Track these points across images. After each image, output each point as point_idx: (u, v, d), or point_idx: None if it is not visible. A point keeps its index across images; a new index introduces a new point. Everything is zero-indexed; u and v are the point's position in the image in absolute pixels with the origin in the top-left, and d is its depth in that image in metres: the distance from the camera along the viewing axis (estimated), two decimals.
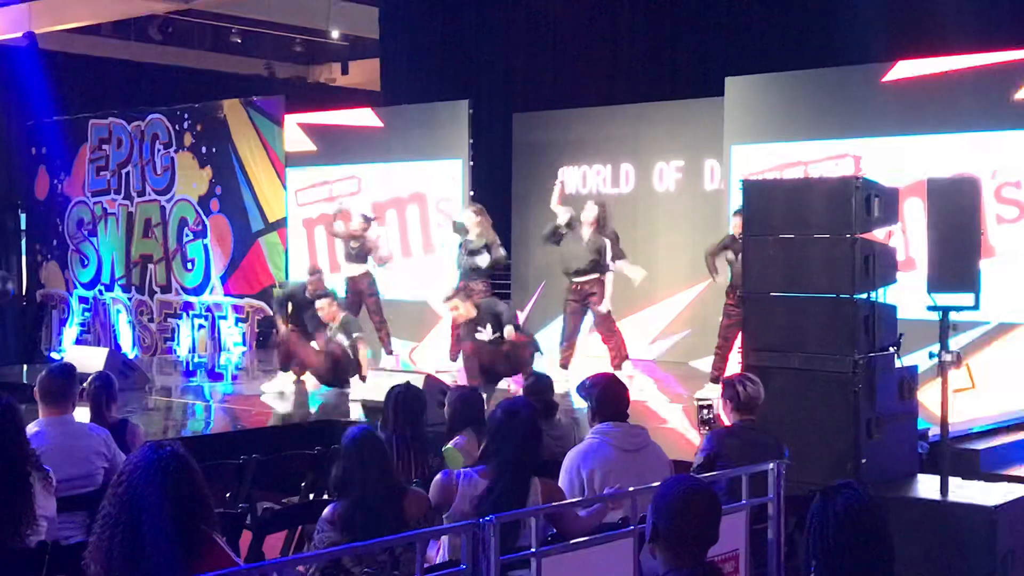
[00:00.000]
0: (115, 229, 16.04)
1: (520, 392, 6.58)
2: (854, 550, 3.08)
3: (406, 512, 4.33)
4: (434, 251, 13.36)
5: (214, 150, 14.74)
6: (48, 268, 17.08)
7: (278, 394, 10.22)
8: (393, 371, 10.21)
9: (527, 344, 9.84)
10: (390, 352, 11.79)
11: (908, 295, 6.85)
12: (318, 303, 10.31)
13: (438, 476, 4.66)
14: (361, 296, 11.67)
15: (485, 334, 9.67)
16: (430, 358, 12.23)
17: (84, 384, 5.97)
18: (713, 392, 8.60)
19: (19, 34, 15.86)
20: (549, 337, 12.43)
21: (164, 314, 15.44)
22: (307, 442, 7.52)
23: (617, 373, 9.58)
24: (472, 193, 12.85)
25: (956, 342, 6.30)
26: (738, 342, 9.63)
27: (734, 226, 9.56)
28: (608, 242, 10.37)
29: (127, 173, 15.83)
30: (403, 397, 5.89)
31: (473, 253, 10.83)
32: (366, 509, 4.20)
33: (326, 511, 4.31)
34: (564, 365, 10.51)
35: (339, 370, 10.12)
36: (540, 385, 6.46)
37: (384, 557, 4.13)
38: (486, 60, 15.01)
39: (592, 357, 10.78)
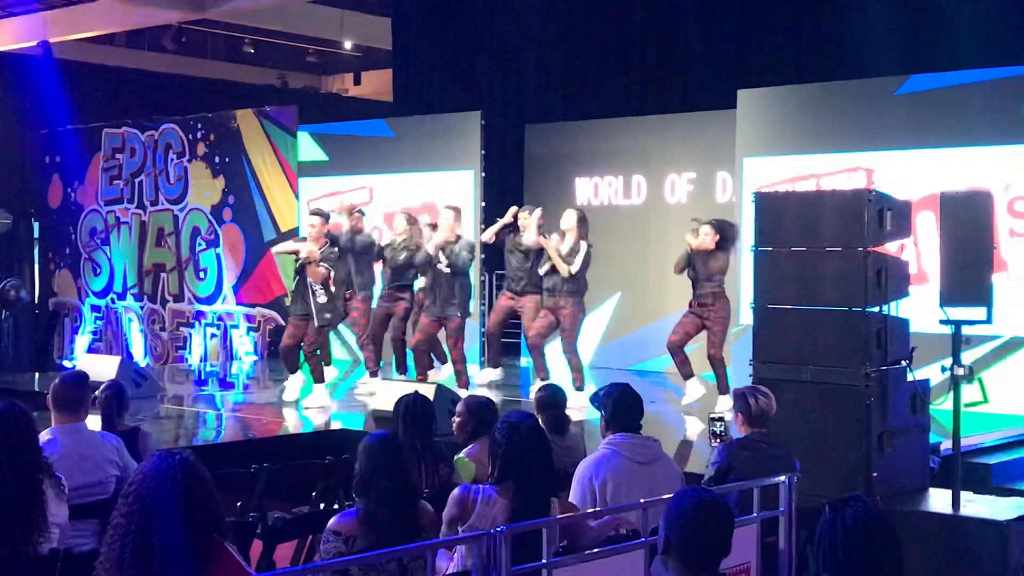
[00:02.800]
0: (128, 238, 16.08)
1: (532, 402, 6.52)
2: (863, 563, 3.07)
3: (420, 519, 4.31)
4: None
5: (227, 160, 14.78)
6: (61, 276, 17.12)
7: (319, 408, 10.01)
8: (404, 381, 10.24)
9: None
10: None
11: (921, 309, 6.85)
12: (309, 219, 10.19)
13: (455, 491, 4.61)
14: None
15: None
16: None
17: (96, 393, 5.99)
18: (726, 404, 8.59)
19: (34, 43, 15.95)
20: (554, 350, 12.39)
21: (176, 323, 15.47)
22: (318, 451, 7.52)
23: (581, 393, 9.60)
24: (484, 204, 12.87)
25: (969, 356, 6.27)
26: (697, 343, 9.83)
27: (695, 234, 9.64)
28: (585, 247, 10.10)
29: (140, 182, 15.88)
30: (412, 407, 5.88)
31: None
32: (390, 506, 4.17)
33: (332, 521, 4.28)
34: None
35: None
36: (552, 399, 6.39)
37: (393, 567, 4.11)
38: (498, 71, 15.03)
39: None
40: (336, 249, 10.26)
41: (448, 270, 10.25)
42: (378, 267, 11.29)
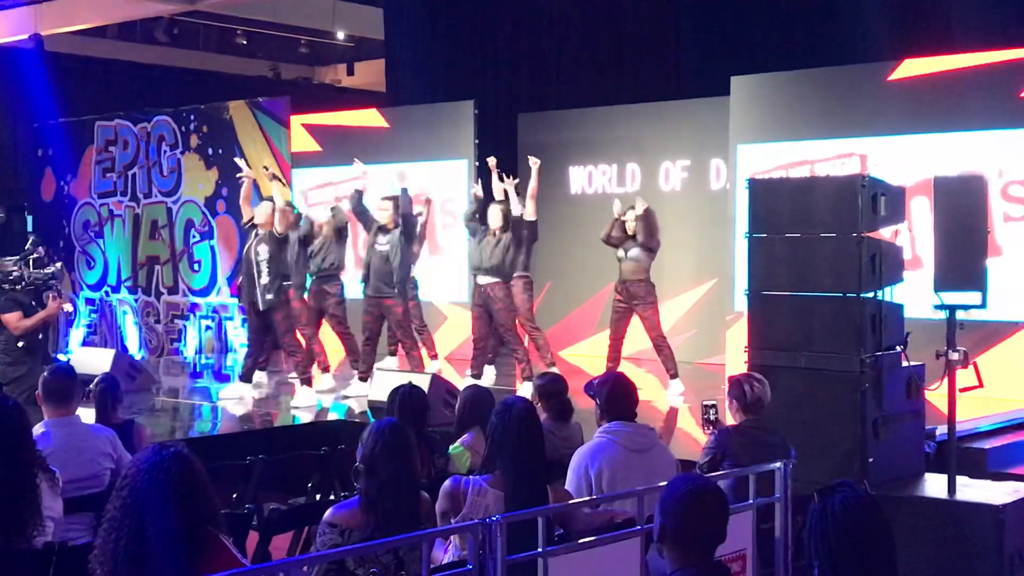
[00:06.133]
0: (121, 231, 16.05)
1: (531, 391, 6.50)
2: (855, 548, 3.07)
3: (419, 509, 4.29)
4: (439, 251, 13.35)
5: (220, 151, 14.75)
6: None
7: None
8: (399, 371, 10.22)
9: None
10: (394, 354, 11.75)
11: (915, 294, 6.85)
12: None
13: (446, 483, 4.59)
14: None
15: None
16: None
17: (90, 386, 5.98)
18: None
19: (25, 36, 15.88)
20: (552, 338, 12.37)
21: (171, 315, 15.45)
22: (313, 442, 7.52)
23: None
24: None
25: (963, 341, 6.26)
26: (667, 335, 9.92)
27: (629, 219, 10.02)
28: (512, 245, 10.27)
29: (133, 175, 15.85)
30: (407, 397, 5.86)
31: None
32: (393, 491, 4.14)
33: (328, 513, 4.25)
34: (476, 374, 10.30)
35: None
36: (553, 386, 6.38)
37: (389, 558, 4.10)
38: (491, 60, 15.00)
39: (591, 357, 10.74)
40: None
41: None
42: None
